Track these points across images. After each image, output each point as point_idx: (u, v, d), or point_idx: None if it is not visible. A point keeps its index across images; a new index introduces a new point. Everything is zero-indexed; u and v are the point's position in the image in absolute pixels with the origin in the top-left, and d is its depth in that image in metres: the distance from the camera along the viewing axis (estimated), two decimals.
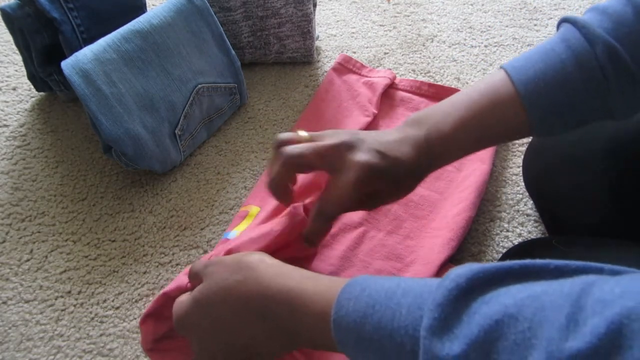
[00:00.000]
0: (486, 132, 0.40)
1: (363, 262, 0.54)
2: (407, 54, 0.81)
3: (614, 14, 0.37)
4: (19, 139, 0.69)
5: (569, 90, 0.37)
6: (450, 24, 0.87)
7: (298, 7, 0.72)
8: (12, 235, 0.59)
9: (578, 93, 0.37)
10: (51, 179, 0.64)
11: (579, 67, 0.37)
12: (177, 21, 0.62)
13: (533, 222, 0.59)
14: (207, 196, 0.62)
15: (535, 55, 0.39)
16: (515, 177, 0.63)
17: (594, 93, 0.37)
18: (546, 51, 0.39)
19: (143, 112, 0.58)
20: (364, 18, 0.89)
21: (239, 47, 0.75)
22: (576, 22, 0.38)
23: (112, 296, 0.54)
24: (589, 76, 0.37)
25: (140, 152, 0.58)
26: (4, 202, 0.62)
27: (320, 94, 0.72)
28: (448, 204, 0.58)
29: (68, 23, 0.63)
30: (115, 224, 0.60)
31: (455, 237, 0.54)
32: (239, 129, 0.70)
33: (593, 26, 0.37)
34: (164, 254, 0.57)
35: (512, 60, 0.40)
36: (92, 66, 0.55)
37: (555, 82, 0.37)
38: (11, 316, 0.52)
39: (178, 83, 0.62)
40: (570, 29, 0.38)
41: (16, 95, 0.74)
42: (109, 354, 0.50)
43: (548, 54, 0.38)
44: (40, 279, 0.55)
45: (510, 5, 0.90)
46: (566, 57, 0.37)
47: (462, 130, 0.40)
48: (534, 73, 0.38)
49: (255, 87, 0.76)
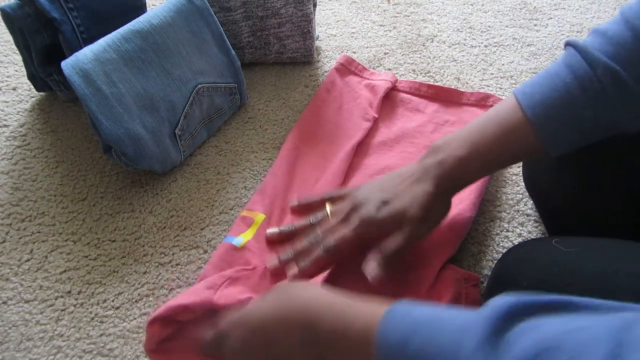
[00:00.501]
0: (500, 153, 0.44)
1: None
2: (407, 54, 0.81)
3: (614, 37, 0.40)
4: (19, 139, 0.69)
5: (573, 111, 0.40)
6: (450, 24, 0.87)
7: (298, 7, 0.72)
8: (12, 235, 0.59)
9: (583, 112, 0.40)
10: (51, 179, 0.64)
11: (582, 89, 0.40)
12: (177, 21, 0.62)
13: (533, 222, 0.59)
14: (207, 196, 0.62)
15: (542, 79, 0.42)
16: (515, 177, 0.63)
17: (599, 111, 0.40)
18: (551, 76, 0.42)
19: (143, 112, 0.58)
20: (364, 18, 0.89)
21: (239, 47, 0.75)
22: (577, 46, 0.41)
23: (112, 296, 0.54)
24: (592, 96, 0.40)
25: (140, 152, 0.58)
26: (4, 202, 0.62)
27: (321, 94, 0.72)
28: None
29: (68, 23, 0.63)
30: (115, 224, 0.60)
31: (455, 237, 0.54)
32: (239, 129, 0.70)
33: (594, 50, 0.40)
34: (164, 254, 0.57)
35: (521, 86, 0.44)
36: (92, 66, 0.55)
37: (560, 103, 0.41)
38: (11, 316, 0.52)
39: (178, 83, 0.62)
40: (572, 52, 0.41)
41: (16, 95, 0.74)
42: (109, 354, 0.50)
43: (553, 79, 0.42)
44: (40, 279, 0.55)
45: (510, 5, 0.90)
46: (569, 80, 0.40)
47: (476, 154, 0.44)
48: (541, 97, 0.41)
49: (255, 87, 0.76)
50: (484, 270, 0.55)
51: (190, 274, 0.55)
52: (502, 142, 0.43)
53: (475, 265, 0.55)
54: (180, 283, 0.55)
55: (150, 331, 0.46)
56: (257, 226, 0.57)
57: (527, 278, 0.40)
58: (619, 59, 0.39)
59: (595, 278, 0.37)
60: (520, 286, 0.40)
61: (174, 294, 0.54)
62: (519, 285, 0.40)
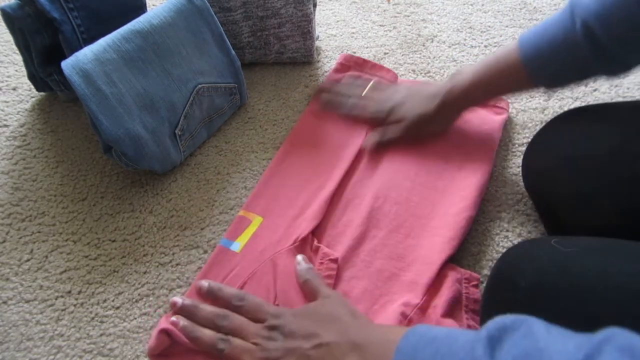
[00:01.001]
0: (498, 85, 0.56)
1: (364, 261, 0.54)
2: (407, 54, 0.81)
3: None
4: (19, 139, 0.69)
5: (557, 54, 0.49)
6: (450, 24, 0.87)
7: (298, 7, 0.72)
8: (12, 235, 0.59)
9: (565, 57, 0.48)
10: (51, 179, 0.64)
11: (564, 39, 0.48)
12: (177, 21, 0.62)
13: (533, 222, 0.59)
14: (207, 196, 0.62)
15: (540, 27, 0.51)
16: (515, 177, 0.63)
17: (578, 58, 0.48)
18: (547, 25, 0.50)
19: (143, 112, 0.58)
20: (364, 18, 0.89)
21: (239, 47, 0.75)
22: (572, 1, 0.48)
23: (112, 296, 0.54)
24: (570, 47, 0.48)
25: (140, 152, 0.58)
26: (4, 202, 0.62)
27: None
28: (448, 202, 0.58)
29: (68, 23, 0.63)
30: (115, 224, 0.60)
31: (455, 236, 0.54)
32: (239, 129, 0.70)
33: (581, 6, 0.46)
34: (164, 254, 0.57)
35: (525, 32, 0.53)
36: (92, 66, 0.55)
37: (548, 47, 0.49)
38: (11, 316, 0.52)
39: (178, 83, 0.62)
40: (567, 7, 0.48)
41: (16, 95, 0.75)
42: (109, 353, 0.50)
43: (547, 28, 0.50)
44: (41, 278, 0.55)
45: (510, 5, 0.90)
46: (556, 30, 0.49)
47: (479, 85, 0.57)
48: (534, 40, 0.51)
49: (255, 87, 0.76)
50: (483, 270, 0.55)
51: (190, 274, 0.55)
52: (500, 76, 0.55)
53: (475, 265, 0.55)
54: (180, 283, 0.55)
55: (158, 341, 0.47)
56: (254, 228, 0.57)
57: (526, 278, 0.40)
58: (599, 17, 0.45)
59: (595, 278, 0.38)
60: (520, 286, 0.40)
61: (174, 294, 0.54)
62: (519, 285, 0.40)
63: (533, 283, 0.40)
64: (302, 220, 0.57)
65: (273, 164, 0.64)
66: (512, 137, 0.68)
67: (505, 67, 0.54)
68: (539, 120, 0.70)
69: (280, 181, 0.61)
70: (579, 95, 0.74)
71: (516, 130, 0.69)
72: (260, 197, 0.60)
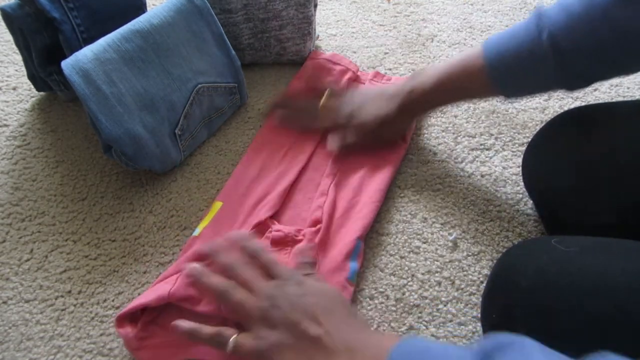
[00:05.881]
0: (457, 87, 0.54)
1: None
2: (407, 54, 0.81)
3: (568, 7, 0.45)
4: (19, 139, 0.69)
5: (521, 63, 0.48)
6: (450, 24, 0.87)
7: (299, 9, 0.72)
8: (12, 235, 0.59)
9: (529, 66, 0.48)
10: (51, 179, 0.64)
11: (529, 50, 0.47)
12: (177, 21, 0.62)
13: (533, 222, 0.59)
14: (207, 196, 0.62)
15: (505, 34, 0.50)
16: (515, 177, 0.63)
17: (541, 70, 0.47)
18: (512, 33, 0.49)
19: (143, 111, 0.58)
20: (364, 18, 0.89)
21: (239, 48, 0.75)
22: (538, 10, 0.47)
23: (112, 296, 0.54)
24: (537, 57, 0.47)
25: (140, 152, 0.58)
26: (4, 202, 0.62)
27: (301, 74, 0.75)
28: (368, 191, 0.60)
29: (68, 23, 0.63)
30: (115, 224, 0.60)
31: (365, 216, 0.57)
32: (239, 129, 0.70)
33: (547, 16, 0.46)
34: (164, 253, 0.57)
35: (489, 38, 0.52)
36: (92, 66, 0.55)
37: (512, 56, 0.49)
38: (11, 316, 0.52)
39: (178, 83, 0.62)
40: (533, 16, 0.48)
41: (16, 95, 0.75)
42: (109, 353, 0.50)
43: (513, 35, 0.49)
44: (41, 278, 0.55)
45: (510, 5, 0.90)
46: (522, 40, 0.48)
47: (441, 88, 0.55)
48: (499, 47, 0.50)
49: (255, 87, 0.76)
50: (484, 270, 0.55)
51: None
52: (462, 82, 0.53)
53: (475, 265, 0.55)
54: None
55: (122, 332, 0.47)
56: (213, 213, 0.58)
57: (526, 278, 0.40)
58: (565, 30, 0.45)
59: (595, 278, 0.38)
60: (520, 286, 0.40)
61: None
62: (519, 285, 0.40)
63: (533, 283, 0.40)
64: (261, 207, 0.58)
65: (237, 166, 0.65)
66: (512, 137, 0.68)
67: (469, 73, 0.52)
68: (539, 120, 0.70)
69: (241, 174, 0.63)
70: (579, 95, 0.74)
71: (516, 130, 0.69)
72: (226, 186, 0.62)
